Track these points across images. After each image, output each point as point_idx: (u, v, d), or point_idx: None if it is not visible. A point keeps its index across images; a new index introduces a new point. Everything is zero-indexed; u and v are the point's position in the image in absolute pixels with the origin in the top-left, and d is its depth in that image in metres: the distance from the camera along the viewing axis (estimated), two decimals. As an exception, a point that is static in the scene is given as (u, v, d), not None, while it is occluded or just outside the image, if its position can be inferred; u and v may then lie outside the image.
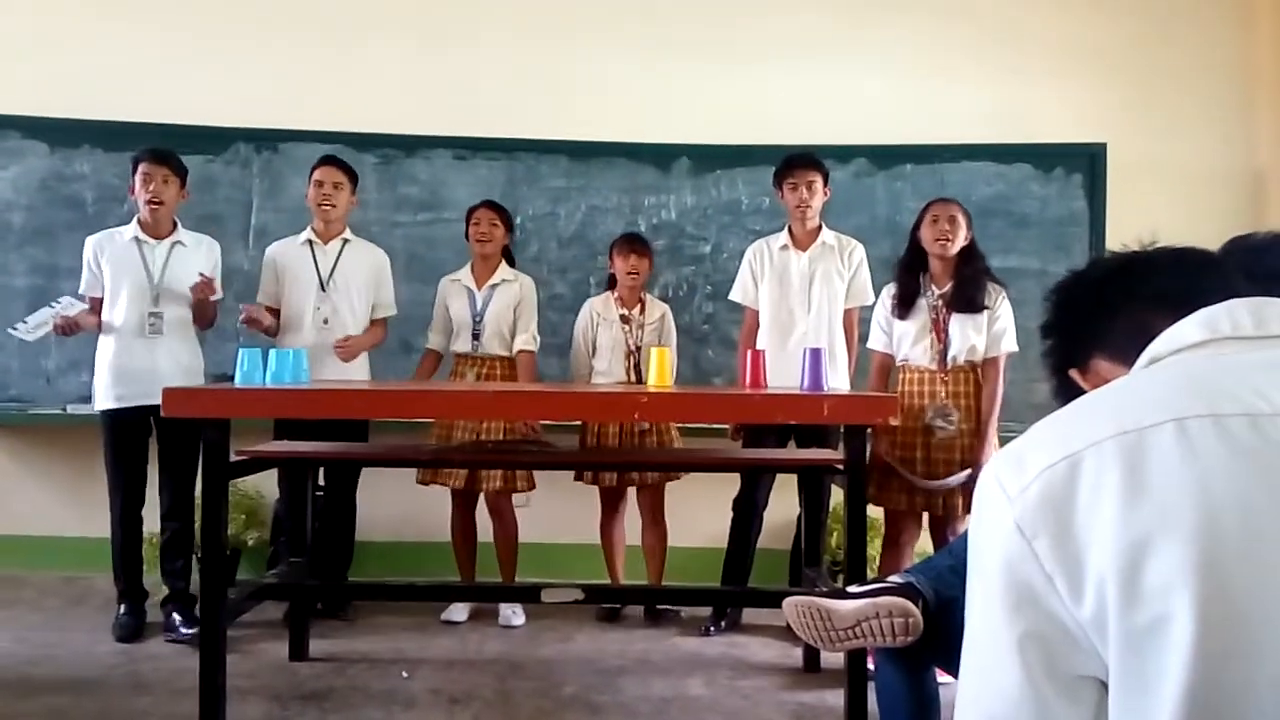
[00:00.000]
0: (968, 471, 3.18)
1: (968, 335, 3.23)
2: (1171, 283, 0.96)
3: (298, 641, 3.24)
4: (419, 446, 3.69)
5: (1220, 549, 0.62)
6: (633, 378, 3.74)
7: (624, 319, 3.83)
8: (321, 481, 3.70)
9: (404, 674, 3.11)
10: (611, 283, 3.91)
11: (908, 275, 3.34)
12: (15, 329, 3.48)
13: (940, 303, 3.27)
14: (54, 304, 3.48)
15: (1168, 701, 0.62)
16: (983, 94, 4.45)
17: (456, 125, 4.36)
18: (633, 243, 3.86)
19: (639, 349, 3.76)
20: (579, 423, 3.83)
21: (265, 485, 3.97)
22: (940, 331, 3.26)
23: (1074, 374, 1.03)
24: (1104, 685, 0.67)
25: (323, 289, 3.70)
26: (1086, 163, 4.33)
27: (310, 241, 3.75)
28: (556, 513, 4.00)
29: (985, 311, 3.24)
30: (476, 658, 3.32)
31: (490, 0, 4.55)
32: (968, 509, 3.18)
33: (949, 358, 3.25)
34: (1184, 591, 0.62)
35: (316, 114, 4.31)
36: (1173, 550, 0.63)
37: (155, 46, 4.44)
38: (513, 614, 3.73)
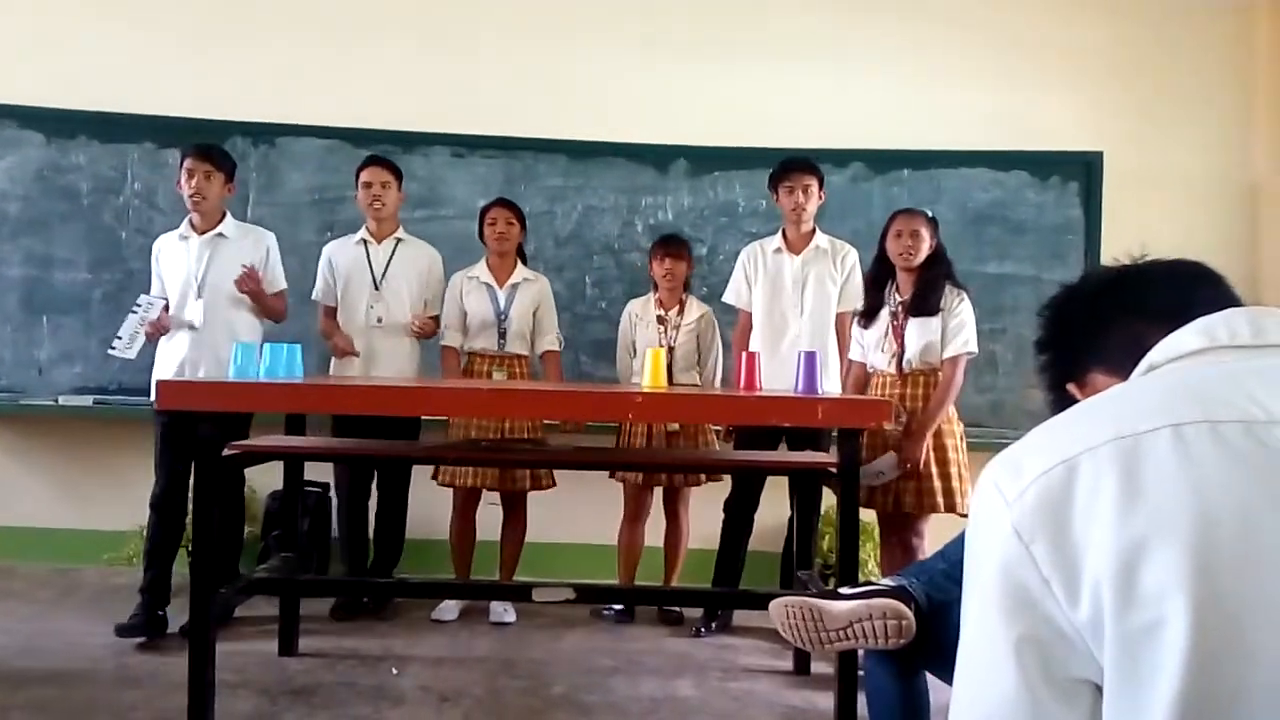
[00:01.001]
0: (889, 456, 3.18)
1: (922, 337, 3.24)
2: (1165, 295, 0.96)
3: (287, 637, 3.24)
4: (413, 444, 3.69)
5: (1215, 554, 0.63)
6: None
7: (660, 320, 3.84)
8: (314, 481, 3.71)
9: (393, 671, 3.11)
10: (656, 284, 3.91)
11: (873, 287, 3.39)
12: (114, 349, 3.46)
13: (899, 309, 3.30)
14: (134, 309, 3.48)
15: (1161, 704, 0.62)
16: (980, 100, 4.47)
17: (455, 123, 4.36)
18: (667, 245, 3.86)
19: (672, 349, 3.75)
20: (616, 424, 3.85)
21: (257, 480, 3.96)
22: (898, 336, 3.28)
23: (1072, 388, 1.03)
24: (1099, 689, 0.67)
25: (376, 288, 3.73)
26: (1083, 170, 4.34)
27: (364, 241, 3.78)
28: (549, 512, 4.00)
29: (941, 314, 3.24)
30: (466, 655, 3.32)
31: (491, -2, 4.56)
32: (921, 508, 3.19)
33: (905, 361, 3.27)
34: (1179, 595, 0.62)
35: (314, 109, 4.31)
36: (1168, 555, 0.63)
37: (153, 39, 4.43)
38: (504, 611, 3.73)
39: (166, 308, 3.50)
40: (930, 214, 3.38)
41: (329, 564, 4.01)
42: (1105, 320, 1.00)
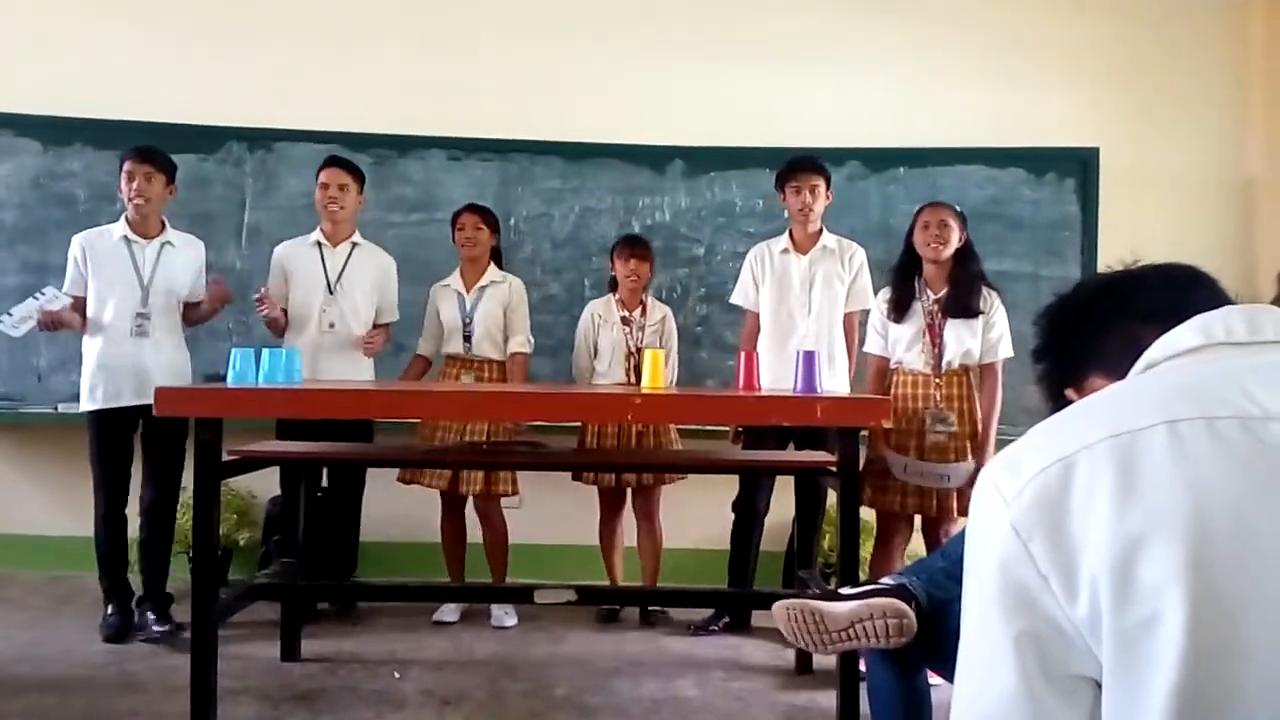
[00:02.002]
0: (969, 464, 3.20)
1: (963, 340, 3.25)
2: (1159, 297, 0.97)
3: (289, 642, 3.23)
4: (409, 447, 3.69)
5: (1210, 549, 0.63)
6: (632, 379, 3.74)
7: (624, 321, 3.84)
8: (324, 483, 3.71)
9: (395, 674, 3.11)
10: (614, 285, 3.91)
11: (902, 280, 3.36)
12: (0, 323, 3.42)
13: (935, 307, 3.29)
14: (38, 295, 3.42)
15: (1158, 699, 0.63)
16: (976, 98, 4.47)
17: (451, 126, 4.36)
18: (633, 245, 3.87)
19: (639, 351, 3.76)
20: (578, 424, 3.83)
21: (257, 485, 3.96)
22: (935, 336, 3.27)
23: (1071, 394, 1.04)
24: (1098, 685, 0.67)
25: (330, 291, 3.71)
26: (1079, 167, 4.34)
27: (319, 243, 3.75)
28: (549, 514, 4.00)
29: (980, 316, 3.26)
30: (468, 659, 3.32)
31: (486, 1, 4.56)
32: (963, 511, 3.19)
33: (944, 362, 3.27)
34: (1175, 590, 0.63)
35: (310, 113, 4.30)
36: (1164, 551, 0.64)
37: (148, 45, 4.43)
38: (505, 615, 3.73)
39: (77, 306, 3.44)
40: (958, 208, 3.37)
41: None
42: (1101, 325, 1.01)
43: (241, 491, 4.16)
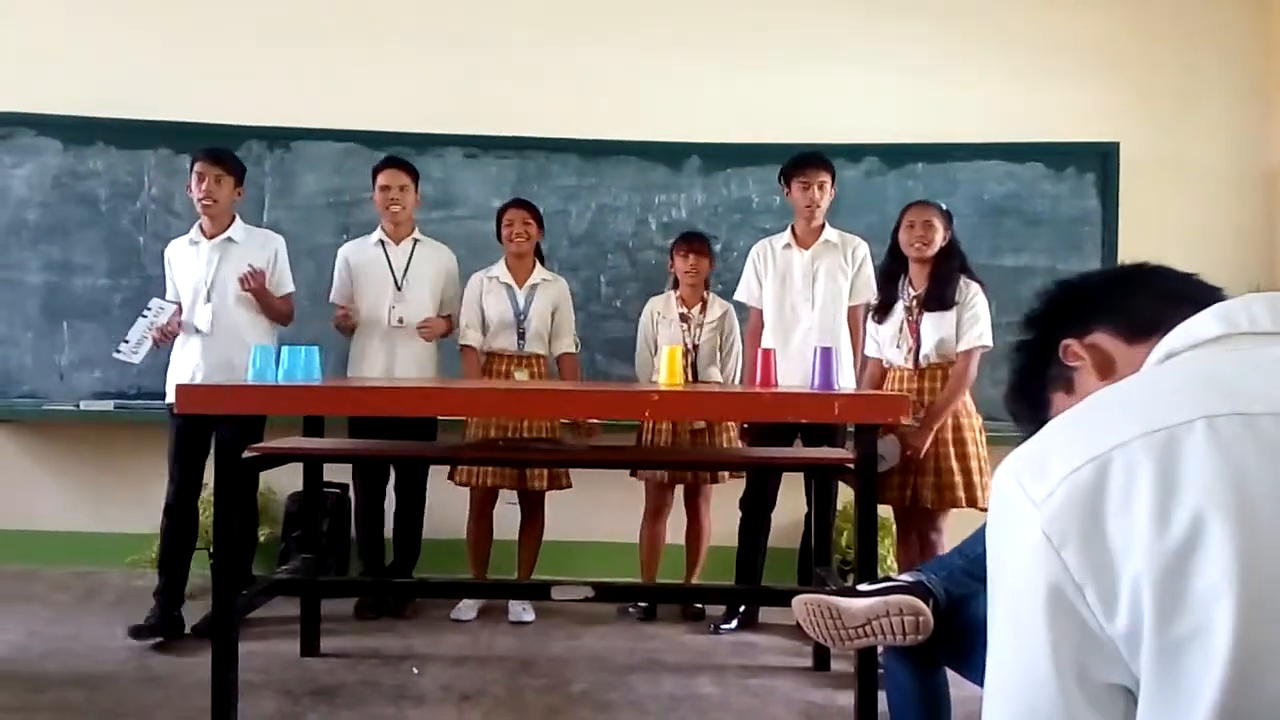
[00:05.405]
0: (890, 440, 3.13)
1: (939, 330, 3.24)
2: (1182, 284, 0.95)
3: (309, 637, 3.26)
4: (431, 444, 3.70)
5: (1258, 548, 0.60)
6: (689, 377, 3.72)
7: (683, 318, 3.84)
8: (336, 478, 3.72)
9: (414, 670, 3.12)
10: (676, 282, 3.91)
11: (886, 281, 3.39)
12: (119, 353, 3.45)
13: (914, 303, 3.29)
14: (144, 313, 3.46)
15: (1201, 711, 0.60)
16: (995, 93, 4.44)
17: (468, 123, 4.37)
18: (690, 241, 3.85)
19: (696, 347, 3.75)
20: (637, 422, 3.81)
21: (277, 481, 3.98)
22: (913, 330, 3.27)
23: (1068, 342, 0.96)
24: (1132, 694, 0.65)
25: (398, 288, 3.74)
26: (1099, 161, 4.31)
27: (383, 242, 3.79)
28: (568, 511, 4.00)
29: (955, 307, 3.23)
30: (487, 654, 3.33)
31: (502, -1, 4.57)
32: (941, 503, 3.18)
33: (921, 355, 3.26)
34: (1227, 596, 0.60)
35: (328, 112, 4.32)
36: (1214, 554, 0.60)
37: (167, 44, 4.45)
38: (523, 610, 3.74)
39: (180, 311, 3.49)
40: (944, 206, 3.37)
41: (349, 564, 4.03)
42: (1126, 285, 0.98)
43: (261, 488, 4.18)
